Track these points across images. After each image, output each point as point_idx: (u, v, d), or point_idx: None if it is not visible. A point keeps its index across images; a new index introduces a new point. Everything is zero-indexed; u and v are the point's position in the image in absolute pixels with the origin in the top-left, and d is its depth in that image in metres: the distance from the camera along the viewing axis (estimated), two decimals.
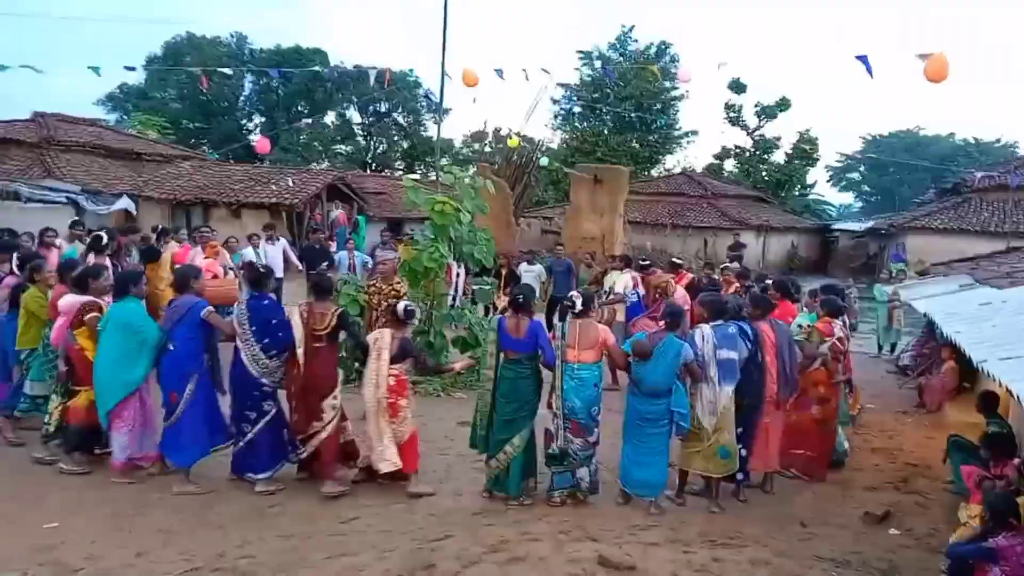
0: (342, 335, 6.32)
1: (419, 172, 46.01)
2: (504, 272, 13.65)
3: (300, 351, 5.98)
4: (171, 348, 6.02)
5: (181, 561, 4.76)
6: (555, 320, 7.01)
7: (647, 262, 12.64)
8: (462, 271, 10.30)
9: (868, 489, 6.95)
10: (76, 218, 10.47)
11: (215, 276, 10.10)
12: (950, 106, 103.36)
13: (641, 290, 12.23)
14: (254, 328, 6.03)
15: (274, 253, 12.78)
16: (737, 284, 10.90)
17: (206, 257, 10.31)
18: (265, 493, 5.99)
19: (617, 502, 6.17)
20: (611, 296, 11.30)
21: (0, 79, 12.41)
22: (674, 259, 12.48)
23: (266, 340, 6.01)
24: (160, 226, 12.30)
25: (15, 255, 7.50)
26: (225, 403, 6.30)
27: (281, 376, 6.12)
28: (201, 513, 5.58)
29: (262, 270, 6.68)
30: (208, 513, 5.59)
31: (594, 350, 6.01)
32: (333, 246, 16.02)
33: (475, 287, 12.52)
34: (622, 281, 12.55)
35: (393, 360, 6.04)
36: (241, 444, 6.11)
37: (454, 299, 10.81)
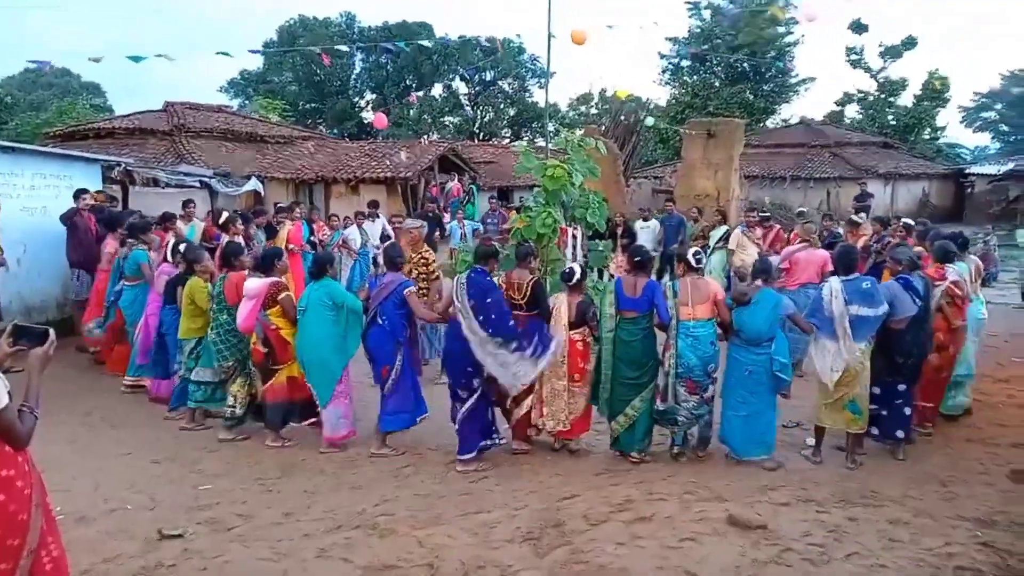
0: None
1: (526, 138, 45.99)
2: (620, 230, 13.64)
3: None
4: (380, 323, 6.27)
5: (326, 519, 5.05)
6: (665, 277, 7.02)
7: (766, 214, 12.46)
8: (579, 232, 10.28)
9: (1015, 446, 6.55)
10: (189, 199, 10.78)
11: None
12: None
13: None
14: (472, 302, 5.96)
15: (374, 230, 13.23)
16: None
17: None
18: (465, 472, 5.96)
19: (729, 459, 6.18)
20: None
21: (134, 70, 13.29)
22: (760, 211, 12.37)
23: (480, 318, 5.91)
24: (278, 204, 13.27)
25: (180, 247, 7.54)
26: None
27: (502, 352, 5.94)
28: (341, 476, 5.90)
29: (489, 246, 6.63)
30: (347, 475, 5.91)
31: (706, 305, 5.99)
32: (448, 216, 16.33)
33: (589, 250, 12.49)
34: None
35: (572, 325, 6.15)
36: (456, 426, 6.16)
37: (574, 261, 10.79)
